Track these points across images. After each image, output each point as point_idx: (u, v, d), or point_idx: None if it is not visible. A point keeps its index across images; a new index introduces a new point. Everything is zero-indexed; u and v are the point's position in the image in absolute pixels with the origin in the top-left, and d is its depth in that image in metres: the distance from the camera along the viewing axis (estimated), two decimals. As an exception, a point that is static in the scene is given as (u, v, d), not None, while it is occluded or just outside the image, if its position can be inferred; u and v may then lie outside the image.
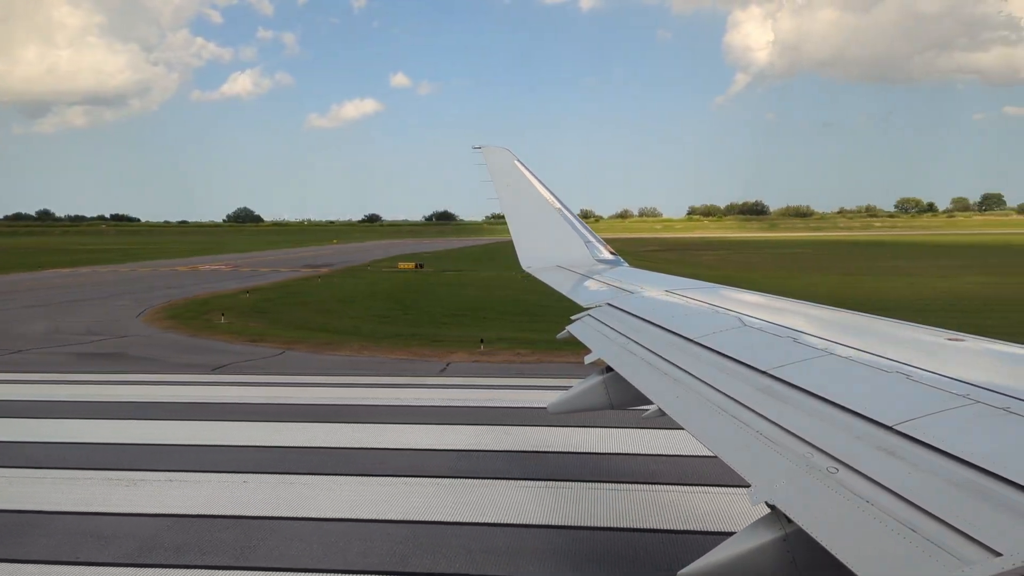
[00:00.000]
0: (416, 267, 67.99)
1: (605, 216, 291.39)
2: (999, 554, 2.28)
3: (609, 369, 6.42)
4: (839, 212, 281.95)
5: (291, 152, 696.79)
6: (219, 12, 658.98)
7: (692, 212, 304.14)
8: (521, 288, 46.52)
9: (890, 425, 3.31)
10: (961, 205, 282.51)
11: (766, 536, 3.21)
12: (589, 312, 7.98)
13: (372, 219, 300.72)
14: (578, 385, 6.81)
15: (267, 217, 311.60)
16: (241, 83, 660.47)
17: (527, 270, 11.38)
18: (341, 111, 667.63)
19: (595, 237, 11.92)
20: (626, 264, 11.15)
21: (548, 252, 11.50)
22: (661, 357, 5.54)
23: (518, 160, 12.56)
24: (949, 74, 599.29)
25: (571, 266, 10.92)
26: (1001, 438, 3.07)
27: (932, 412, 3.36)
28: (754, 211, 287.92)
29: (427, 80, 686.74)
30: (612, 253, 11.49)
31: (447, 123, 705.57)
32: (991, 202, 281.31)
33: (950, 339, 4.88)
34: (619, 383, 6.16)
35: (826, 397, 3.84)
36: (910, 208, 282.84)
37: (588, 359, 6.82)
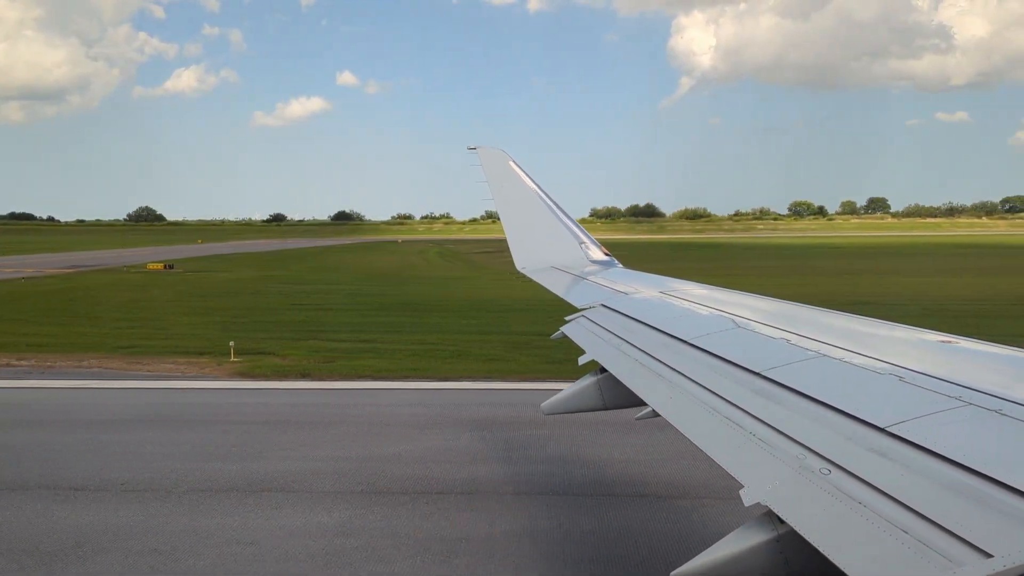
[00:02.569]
0: (165, 268, 67.51)
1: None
2: (990, 555, 2.29)
3: (603, 370, 6.44)
4: (734, 215, 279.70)
5: (233, 150, 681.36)
6: (163, 7, 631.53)
7: (594, 213, 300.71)
8: (197, 291, 45.78)
9: (883, 427, 3.32)
10: (848, 208, 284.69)
11: (759, 537, 3.23)
12: (583, 313, 7.99)
13: (277, 218, 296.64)
14: (571, 386, 6.82)
15: (172, 216, 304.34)
16: (185, 79, 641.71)
17: (521, 271, 11.39)
18: (287, 109, 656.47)
19: (589, 238, 11.94)
20: (620, 265, 11.17)
21: (542, 253, 11.52)
22: (655, 358, 5.56)
23: (513, 161, 12.56)
24: (884, 80, 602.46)
25: (565, 267, 10.93)
26: (993, 440, 3.09)
27: (924, 414, 3.38)
28: (645, 213, 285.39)
29: (375, 79, 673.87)
30: (606, 254, 11.51)
31: (395, 123, 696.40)
32: (876, 206, 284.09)
33: (942, 341, 4.90)
34: (613, 384, 6.17)
35: (819, 399, 3.86)
36: (802, 211, 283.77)
37: (582, 360, 6.84)
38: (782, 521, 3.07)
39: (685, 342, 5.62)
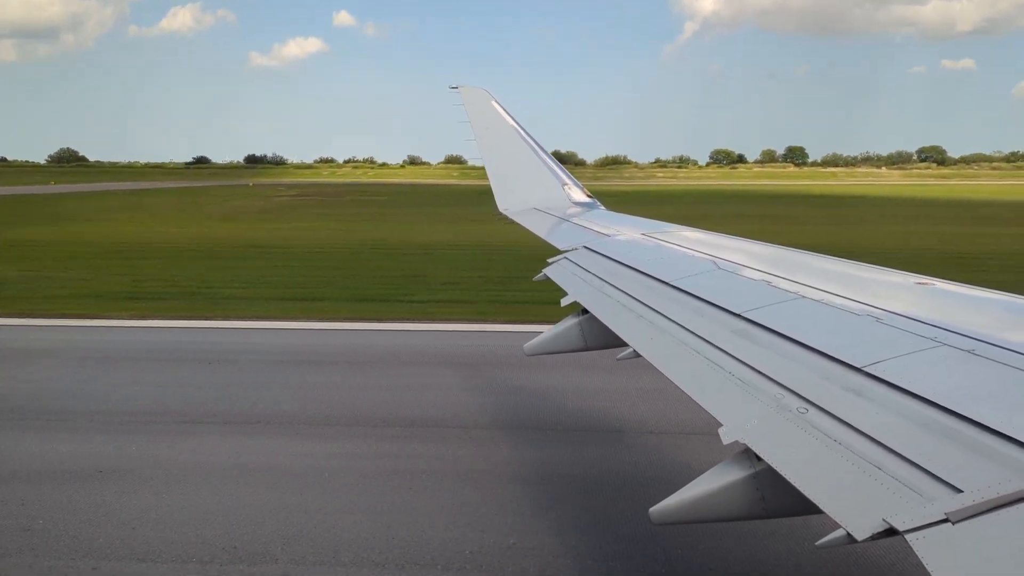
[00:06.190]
0: None
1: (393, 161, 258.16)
2: (960, 491, 2.36)
3: (585, 312, 6.47)
4: (655, 163, 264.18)
5: (228, 91, 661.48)
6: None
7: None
8: None
9: (859, 366, 3.38)
10: (768, 157, 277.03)
11: (736, 474, 3.31)
12: (565, 255, 7.99)
13: (201, 161, 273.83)
14: (554, 327, 6.86)
15: (96, 158, 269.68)
16: (181, 18, 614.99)
17: (504, 212, 11.29)
18: (284, 50, 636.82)
19: (572, 179, 11.85)
20: (603, 207, 11.12)
21: (524, 194, 11.43)
22: (636, 299, 5.58)
23: (496, 100, 12.33)
24: (887, 27, 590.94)
25: (547, 209, 10.87)
26: (965, 379, 3.15)
27: (900, 354, 3.43)
28: (560, 160, 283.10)
29: (372, 20, 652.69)
30: (589, 196, 11.44)
31: (388, 66, 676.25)
32: (793, 155, 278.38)
33: (919, 283, 4.96)
34: (594, 325, 6.22)
35: (798, 339, 3.91)
36: (721, 159, 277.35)
37: (564, 301, 6.86)
38: (759, 459, 3.14)
39: (667, 284, 5.64)
